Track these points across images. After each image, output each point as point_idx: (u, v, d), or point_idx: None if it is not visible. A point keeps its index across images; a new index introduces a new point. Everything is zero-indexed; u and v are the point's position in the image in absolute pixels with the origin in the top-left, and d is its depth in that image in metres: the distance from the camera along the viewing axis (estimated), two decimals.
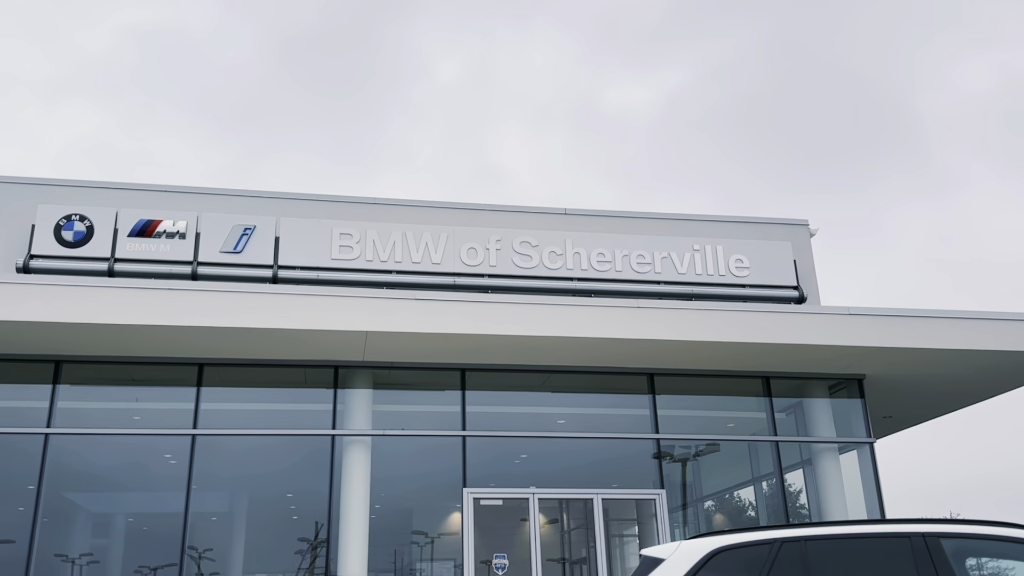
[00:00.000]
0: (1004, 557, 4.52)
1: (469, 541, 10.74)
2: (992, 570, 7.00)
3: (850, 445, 12.03)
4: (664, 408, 11.74)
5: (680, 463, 12.06)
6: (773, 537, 4.71)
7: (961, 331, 10.84)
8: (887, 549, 4.39)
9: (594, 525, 11.21)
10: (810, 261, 13.34)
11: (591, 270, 12.43)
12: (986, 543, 4.29)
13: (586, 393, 11.87)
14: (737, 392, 12.16)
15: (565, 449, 11.70)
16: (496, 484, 11.28)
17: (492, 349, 10.69)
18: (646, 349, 10.84)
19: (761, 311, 10.89)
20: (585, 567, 11.46)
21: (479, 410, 11.45)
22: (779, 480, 11.74)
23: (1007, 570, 6.56)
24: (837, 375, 11.95)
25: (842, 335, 10.73)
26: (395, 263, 12.02)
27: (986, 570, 7.03)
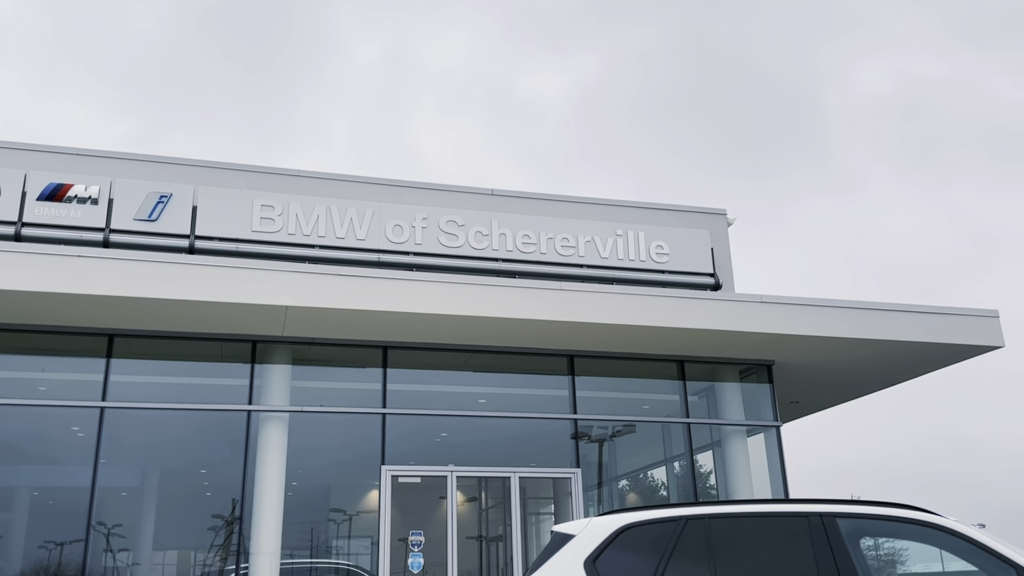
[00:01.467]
0: (896, 536, 4.81)
1: (386, 518, 10.76)
2: (889, 551, 7.41)
3: (758, 428, 12.51)
4: (583, 389, 11.97)
5: (597, 443, 12.34)
6: (679, 515, 4.89)
7: (866, 321, 11.37)
8: (786, 528, 4.61)
9: (511, 503, 11.38)
10: (726, 249, 13.74)
11: (516, 252, 12.52)
12: (879, 523, 4.55)
13: (507, 373, 11.99)
14: (653, 375, 12.48)
15: (485, 428, 11.81)
16: (415, 462, 11.32)
17: (415, 327, 10.69)
18: (568, 331, 11.01)
19: (678, 297, 11.19)
20: (501, 544, 11.63)
21: (400, 388, 11.44)
22: (690, 461, 12.13)
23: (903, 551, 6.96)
24: (748, 360, 12.39)
25: (754, 322, 11.12)
26: (318, 238, 11.85)
27: (883, 551, 7.44)
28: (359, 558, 11.14)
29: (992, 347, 11.64)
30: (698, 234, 13.38)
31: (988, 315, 11.67)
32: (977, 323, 11.61)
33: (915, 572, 4.50)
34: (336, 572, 11.09)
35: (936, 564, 6.11)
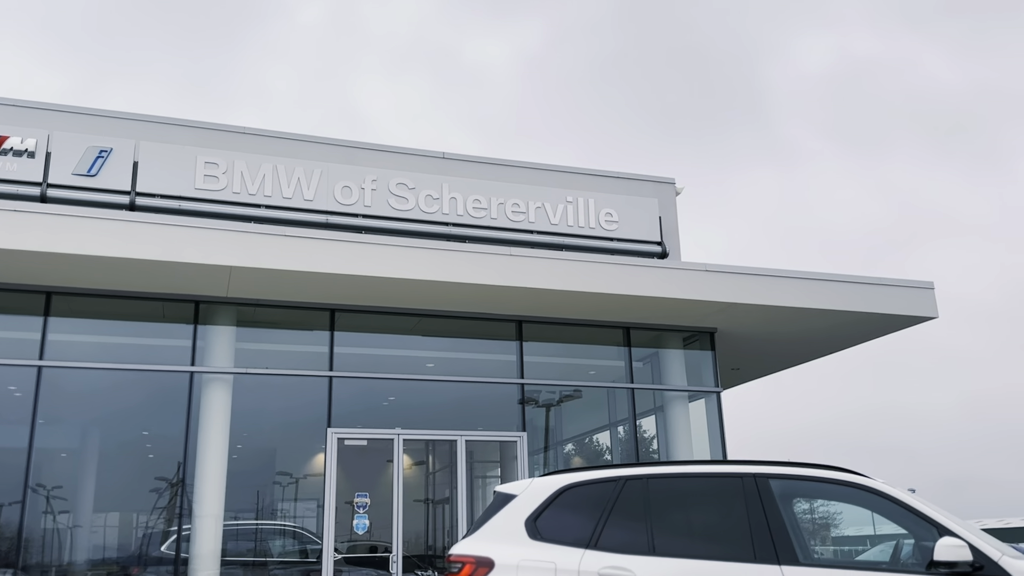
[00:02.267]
0: (827, 498, 4.99)
1: (331, 480, 10.78)
2: (823, 515, 7.66)
3: (699, 394, 12.79)
4: (530, 354, 12.07)
5: (544, 408, 12.49)
6: (618, 475, 5.01)
7: (807, 291, 11.65)
8: (721, 488, 4.76)
9: (457, 466, 11.48)
10: (674, 218, 13.90)
11: (467, 216, 12.49)
12: (810, 484, 4.72)
13: (456, 338, 12.02)
14: (599, 341, 12.64)
15: (432, 392, 11.86)
16: (362, 425, 11.33)
17: (364, 290, 10.63)
18: (517, 296, 11.07)
19: (626, 264, 11.31)
20: (448, 507, 11.75)
21: (347, 351, 11.40)
22: (633, 425, 12.37)
23: (837, 515, 7.24)
24: (692, 328, 12.62)
25: (698, 290, 11.31)
26: (264, 197, 11.65)
27: (818, 514, 7.67)
28: (305, 521, 11.15)
29: (927, 318, 12.04)
30: (647, 202, 13.51)
31: (924, 287, 12.05)
32: (913, 294, 11.99)
33: (848, 535, 4.67)
34: (282, 534, 11.10)
35: (868, 527, 6.33)
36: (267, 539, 10.88)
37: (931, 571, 4.11)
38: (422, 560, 11.38)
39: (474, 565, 4.95)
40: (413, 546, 11.40)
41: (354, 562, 10.86)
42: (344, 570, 10.74)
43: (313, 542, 10.79)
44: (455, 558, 5.08)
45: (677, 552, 4.60)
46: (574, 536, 4.85)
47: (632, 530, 4.76)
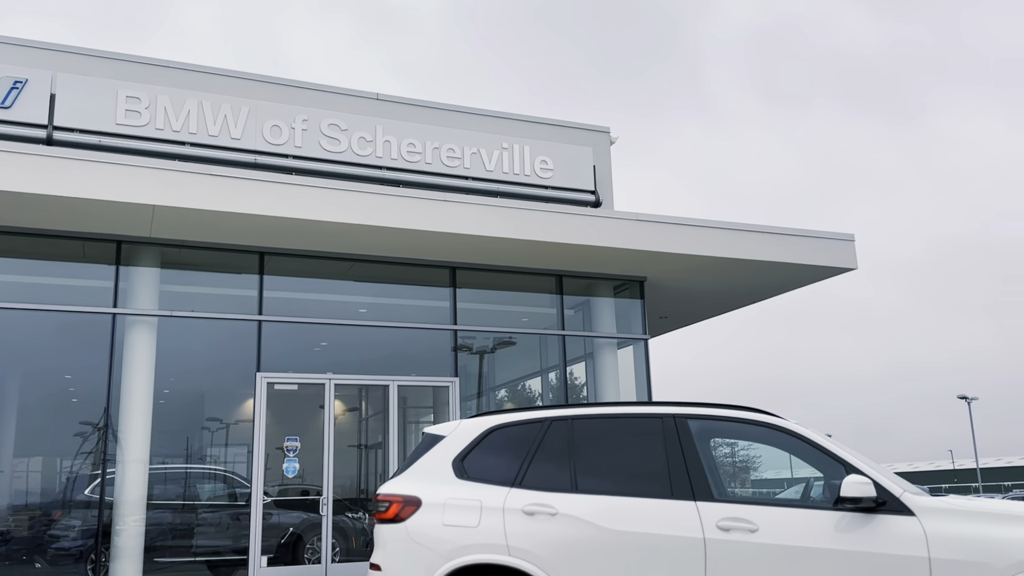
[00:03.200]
0: (741, 438, 5.18)
1: (261, 425, 10.71)
2: (744, 458, 7.96)
3: (628, 341, 13.04)
4: (464, 301, 12.10)
5: (477, 355, 12.58)
6: (543, 416, 5.12)
7: (734, 241, 11.91)
8: (642, 428, 4.91)
9: (389, 411, 11.53)
10: (608, 167, 13.98)
11: (401, 160, 12.33)
12: (726, 424, 4.90)
13: (389, 283, 11.96)
14: (532, 289, 12.74)
15: (365, 338, 11.81)
16: (293, 370, 11.24)
17: (294, 233, 10.45)
18: (451, 243, 11.03)
19: (560, 213, 11.36)
20: (380, 452, 11.82)
21: (277, 295, 11.24)
22: (563, 372, 12.58)
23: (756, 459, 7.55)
24: (622, 276, 12.81)
25: (630, 239, 11.45)
26: (189, 134, 11.28)
27: (739, 458, 7.98)
28: (235, 466, 11.08)
29: (846, 269, 12.46)
30: (582, 151, 13.53)
31: (845, 239, 12.44)
32: (835, 246, 12.37)
33: (767, 478, 4.87)
34: (211, 478, 11.01)
35: (785, 471, 6.60)
36: (195, 483, 10.79)
37: (838, 507, 4.33)
38: (354, 503, 11.46)
39: (401, 504, 5.02)
40: (345, 490, 11.46)
41: (284, 505, 10.87)
42: (274, 513, 10.75)
43: (243, 486, 10.76)
44: (382, 497, 5.13)
45: (598, 489, 4.74)
46: (500, 475, 4.95)
47: (556, 469, 4.88)
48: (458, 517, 4.82)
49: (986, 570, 3.97)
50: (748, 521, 4.41)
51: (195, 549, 10.42)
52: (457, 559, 4.69)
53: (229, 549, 10.48)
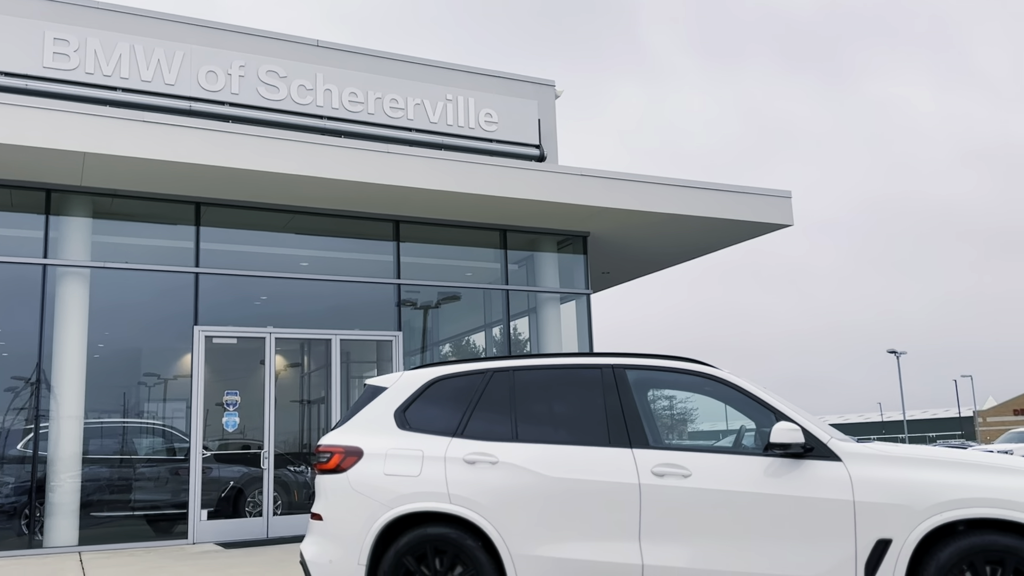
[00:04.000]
0: (678, 388, 5.30)
1: (199, 380, 10.57)
2: (681, 411, 8.13)
3: (571, 296, 13.17)
4: (407, 255, 12.03)
5: (421, 310, 12.56)
6: (485, 368, 5.16)
7: (675, 197, 12.05)
8: (582, 378, 4.99)
9: (332, 366, 11.47)
10: (552, 122, 13.94)
11: (342, 110, 12.09)
12: (664, 374, 5.01)
13: (331, 236, 11.81)
14: (476, 243, 12.72)
15: (307, 292, 11.67)
16: (234, 324, 11.08)
17: (232, 184, 10.22)
18: (394, 195, 10.92)
19: (505, 166, 11.32)
20: (323, 407, 11.78)
21: (215, 247, 11.01)
22: (507, 326, 12.66)
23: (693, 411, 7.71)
24: (566, 232, 12.88)
25: (574, 194, 11.50)
26: (121, 79, 10.86)
27: (676, 410, 8.14)
28: (174, 421, 10.93)
29: (783, 225, 12.73)
30: (527, 104, 13.45)
31: (782, 195, 12.69)
32: (772, 202, 12.61)
33: (703, 430, 5.01)
34: (150, 433, 10.85)
35: (721, 423, 6.79)
36: (133, 438, 10.63)
37: (768, 452, 4.49)
38: (296, 457, 11.44)
39: (343, 455, 5.03)
40: (287, 445, 11.42)
41: (224, 460, 10.80)
42: (214, 467, 10.67)
43: (182, 441, 10.64)
44: (324, 448, 5.14)
45: (538, 438, 4.82)
46: (442, 426, 4.99)
47: (497, 419, 4.94)
48: (400, 467, 4.86)
49: (906, 512, 4.18)
50: (682, 467, 4.54)
51: (133, 504, 10.30)
52: (398, 508, 4.74)
53: (168, 503, 10.40)
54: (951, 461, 4.37)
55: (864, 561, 4.20)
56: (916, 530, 4.16)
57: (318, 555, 4.90)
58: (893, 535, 4.19)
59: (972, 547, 4.08)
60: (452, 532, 4.66)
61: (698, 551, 4.40)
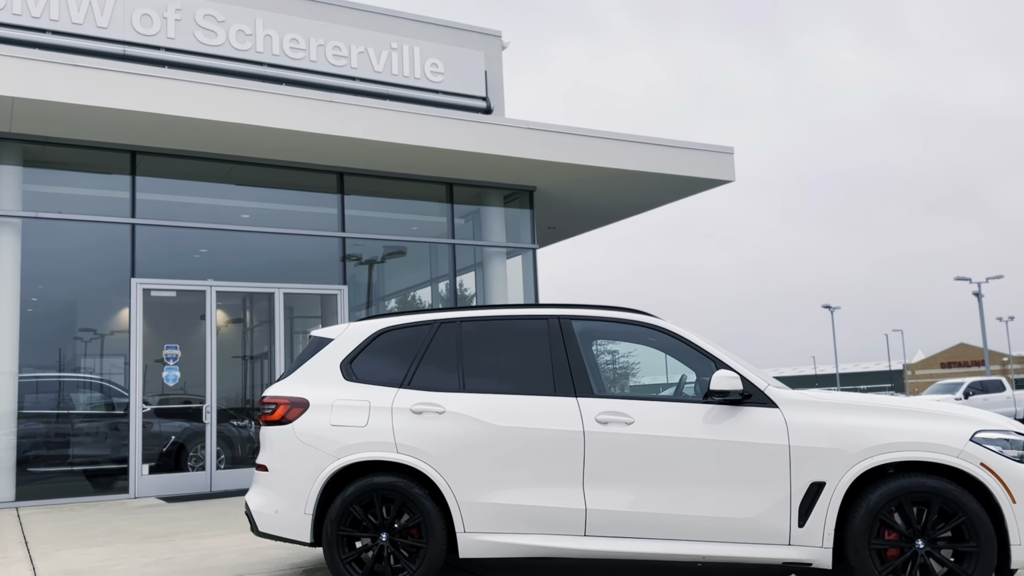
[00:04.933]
0: (622, 338, 5.40)
1: (137, 332, 10.35)
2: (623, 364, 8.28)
3: (517, 251, 13.20)
4: (352, 208, 11.88)
5: (366, 265, 12.45)
6: (432, 319, 5.17)
7: (621, 152, 12.09)
8: (528, 329, 5.04)
9: (275, 320, 11.34)
10: (499, 74, 13.80)
11: (283, 56, 11.77)
12: (609, 325, 5.09)
13: (273, 188, 11.58)
14: (422, 197, 12.63)
15: (249, 245, 11.46)
16: (173, 277, 10.84)
17: (169, 132, 9.92)
18: (338, 146, 10.74)
19: (451, 118, 11.20)
20: (266, 362, 11.66)
21: (152, 198, 10.72)
22: (453, 281, 12.65)
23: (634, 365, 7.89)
24: (512, 186, 12.85)
25: (521, 148, 11.45)
26: (50, 22, 10.38)
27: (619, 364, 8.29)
28: (113, 376, 10.72)
29: (725, 181, 12.91)
30: (473, 55, 13.28)
31: (724, 151, 12.85)
32: (715, 158, 12.76)
33: (644, 384, 5.11)
34: (88, 387, 10.62)
35: (662, 377, 6.91)
36: (70, 393, 10.40)
37: (708, 400, 4.61)
38: (239, 412, 11.35)
39: (288, 406, 5.01)
40: (231, 400, 11.32)
41: (165, 414, 10.66)
42: (155, 422, 10.53)
43: (121, 395, 10.46)
44: (269, 399, 5.11)
45: (485, 388, 4.87)
46: (389, 377, 5.00)
47: (444, 370, 4.97)
48: (346, 417, 4.86)
49: (839, 456, 4.36)
50: (625, 414, 4.65)
51: (72, 459, 10.13)
52: (345, 458, 4.75)
53: (108, 459, 10.24)
54: (881, 407, 4.55)
55: (798, 503, 4.38)
56: (848, 473, 4.34)
57: (264, 505, 4.91)
58: (826, 478, 4.36)
59: (901, 489, 4.28)
60: (399, 481, 4.70)
61: (639, 495, 4.53)
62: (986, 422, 4.44)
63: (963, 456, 4.27)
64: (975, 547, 4.16)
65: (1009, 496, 4.21)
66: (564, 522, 4.58)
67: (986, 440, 4.33)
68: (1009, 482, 4.23)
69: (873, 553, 4.25)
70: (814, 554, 4.35)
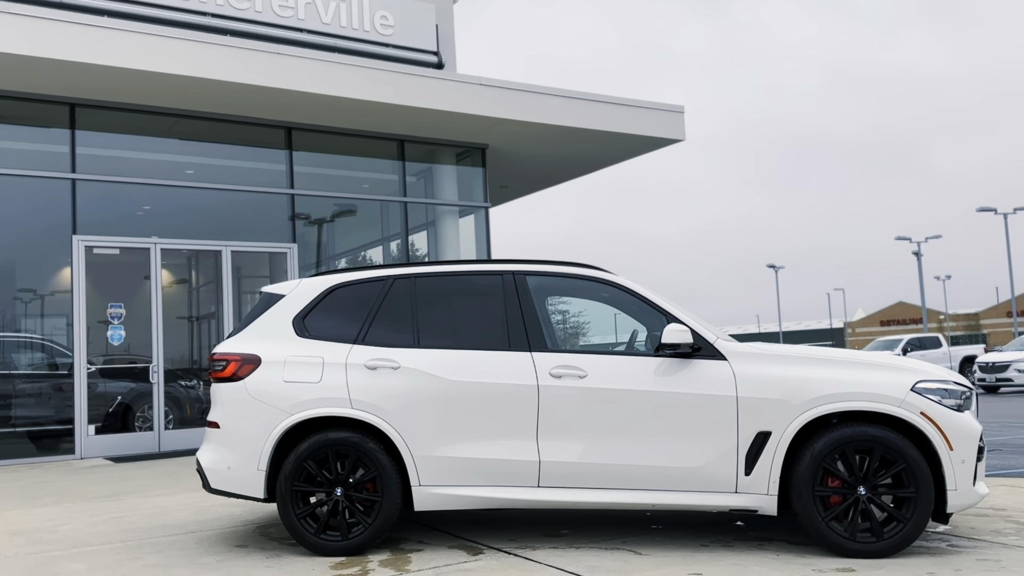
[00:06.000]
0: (576, 294, 5.43)
1: (80, 290, 10.09)
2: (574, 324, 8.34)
3: (469, 209, 13.14)
4: (301, 165, 11.67)
5: (316, 224, 12.28)
6: (386, 275, 5.13)
7: (573, 109, 12.06)
8: (484, 284, 5.04)
9: (223, 279, 11.14)
10: (451, 27, 13.60)
11: (227, 6, 11.40)
12: (562, 280, 5.11)
13: (219, 143, 11.30)
14: (373, 154, 12.46)
15: (195, 202, 11.20)
16: (116, 234, 10.56)
17: (109, 84, 9.58)
18: (285, 100, 10.50)
19: (402, 73, 11.02)
20: (214, 322, 11.48)
21: (93, 152, 10.39)
22: (405, 240, 12.56)
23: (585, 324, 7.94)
24: (464, 143, 12.75)
25: (473, 104, 11.34)
26: None
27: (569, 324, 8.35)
28: (56, 335, 10.45)
29: (675, 140, 12.98)
30: (424, 7, 13.03)
31: (675, 110, 12.90)
32: (666, 117, 12.81)
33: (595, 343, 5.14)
34: (29, 347, 10.34)
35: (611, 336, 6.97)
36: (11, 353, 10.12)
37: (659, 353, 4.68)
38: (187, 373, 11.19)
39: (239, 362, 4.95)
40: (179, 360, 11.15)
41: (111, 375, 10.46)
42: (100, 382, 10.33)
43: (65, 355, 10.21)
44: (219, 356, 5.03)
45: (440, 344, 4.86)
46: (342, 333, 4.96)
47: (399, 326, 4.95)
48: (299, 374, 4.82)
49: (785, 406, 4.47)
50: (578, 368, 4.69)
51: (15, 420, 9.90)
52: (299, 414, 4.72)
53: (53, 419, 10.04)
54: (826, 359, 4.68)
55: (745, 452, 4.49)
56: (793, 423, 4.46)
57: (216, 462, 4.87)
58: (772, 427, 4.48)
59: (844, 437, 4.42)
60: (354, 436, 4.70)
61: (592, 447, 4.60)
62: (926, 373, 4.60)
63: (904, 406, 4.42)
64: (914, 493, 4.33)
65: (947, 443, 4.38)
66: (518, 474, 4.64)
67: (926, 390, 4.48)
68: (947, 430, 4.39)
69: (817, 500, 4.39)
70: (760, 501, 4.49)
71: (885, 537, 4.34)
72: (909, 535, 4.32)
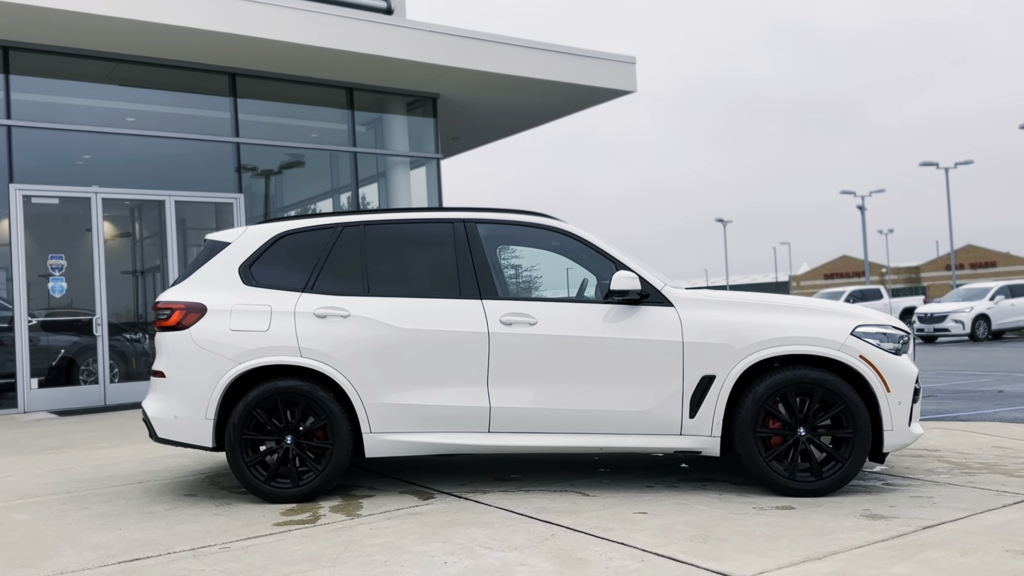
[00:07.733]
0: (526, 243, 5.42)
1: (19, 243, 9.79)
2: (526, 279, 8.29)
3: (421, 160, 13.00)
4: (246, 112, 11.38)
5: (263, 176, 12.03)
6: (335, 222, 5.07)
7: (525, 59, 11.93)
8: (434, 232, 5.01)
9: (167, 230, 10.90)
10: None
11: None
12: (514, 229, 5.10)
13: (161, 89, 10.95)
14: (321, 102, 12.20)
15: (137, 151, 10.88)
16: (55, 184, 10.22)
17: (42, 26, 9.18)
18: (228, 44, 10.19)
19: (350, 18, 10.77)
20: (159, 275, 11.25)
21: (29, 98, 10.00)
22: (355, 192, 12.39)
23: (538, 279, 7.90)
24: (415, 92, 12.55)
25: (423, 51, 11.15)
26: None
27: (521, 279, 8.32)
28: None
29: (627, 91, 12.95)
30: None
31: (627, 61, 12.85)
32: (617, 67, 12.76)
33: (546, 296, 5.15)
34: None
35: (562, 291, 7.01)
36: None
37: (608, 300, 4.73)
38: (132, 326, 10.98)
39: (184, 311, 4.86)
40: (123, 314, 10.93)
41: (53, 328, 10.21)
42: (43, 336, 10.08)
43: (4, 308, 9.93)
44: (163, 305, 4.94)
45: (390, 292, 4.84)
46: (290, 281, 4.90)
47: (348, 274, 4.90)
48: (246, 322, 4.76)
49: (728, 351, 4.57)
50: (528, 315, 4.72)
51: None
52: (246, 362, 4.67)
53: None
54: (769, 304, 4.78)
55: (690, 395, 4.59)
56: (737, 367, 4.56)
57: (162, 411, 4.81)
58: (716, 371, 4.58)
59: (785, 380, 4.53)
60: (303, 384, 4.68)
61: (542, 392, 4.65)
62: (866, 317, 4.73)
63: (844, 349, 4.55)
64: (852, 433, 4.48)
65: (884, 386, 4.52)
66: (469, 420, 4.67)
67: (865, 334, 4.61)
68: (885, 373, 4.53)
69: (758, 441, 4.52)
70: (704, 443, 4.60)
71: (824, 476, 4.49)
72: (847, 474, 4.48)
